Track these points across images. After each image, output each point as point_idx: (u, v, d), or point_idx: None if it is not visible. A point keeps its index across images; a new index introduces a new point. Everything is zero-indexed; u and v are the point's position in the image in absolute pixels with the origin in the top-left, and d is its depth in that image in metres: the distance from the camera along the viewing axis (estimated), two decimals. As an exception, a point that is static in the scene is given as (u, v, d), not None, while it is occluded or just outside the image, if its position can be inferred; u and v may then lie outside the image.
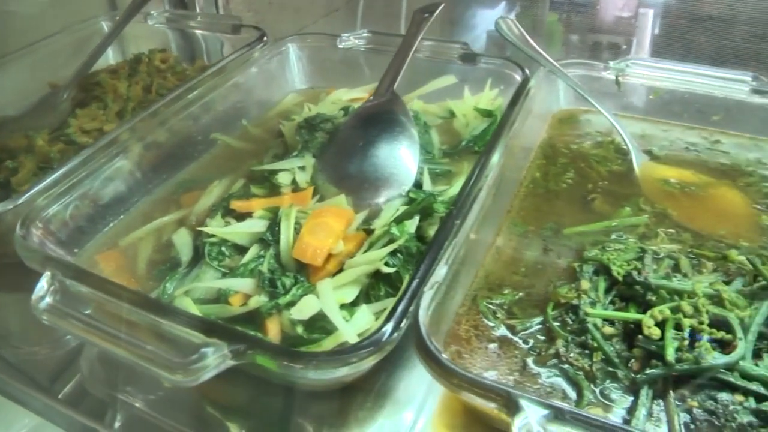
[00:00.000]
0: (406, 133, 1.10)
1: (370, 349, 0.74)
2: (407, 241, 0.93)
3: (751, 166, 1.14)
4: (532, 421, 0.65)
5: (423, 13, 1.34)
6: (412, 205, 1.00)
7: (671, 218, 1.03)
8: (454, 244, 0.85)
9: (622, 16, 2.08)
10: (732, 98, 1.21)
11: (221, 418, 0.88)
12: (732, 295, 0.82)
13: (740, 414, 0.74)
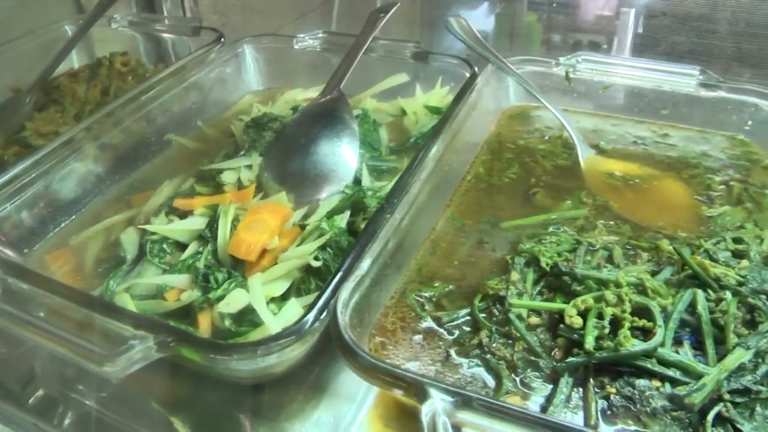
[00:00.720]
0: (347, 130, 1.11)
1: (290, 339, 0.75)
2: (338, 235, 0.94)
3: (697, 158, 1.14)
4: (439, 407, 0.64)
5: (379, 13, 1.34)
6: (341, 201, 1.00)
7: (612, 211, 1.02)
8: (381, 238, 0.85)
9: (603, 15, 2.07)
10: (680, 92, 1.21)
11: (166, 413, 0.88)
12: (654, 284, 0.81)
13: (655, 399, 0.73)
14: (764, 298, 0.80)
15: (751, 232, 0.92)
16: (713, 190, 1.07)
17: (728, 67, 1.73)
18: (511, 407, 0.66)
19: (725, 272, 0.83)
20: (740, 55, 1.75)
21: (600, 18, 2.08)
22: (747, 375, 0.74)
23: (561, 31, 2.12)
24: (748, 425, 0.71)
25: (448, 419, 0.64)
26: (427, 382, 0.66)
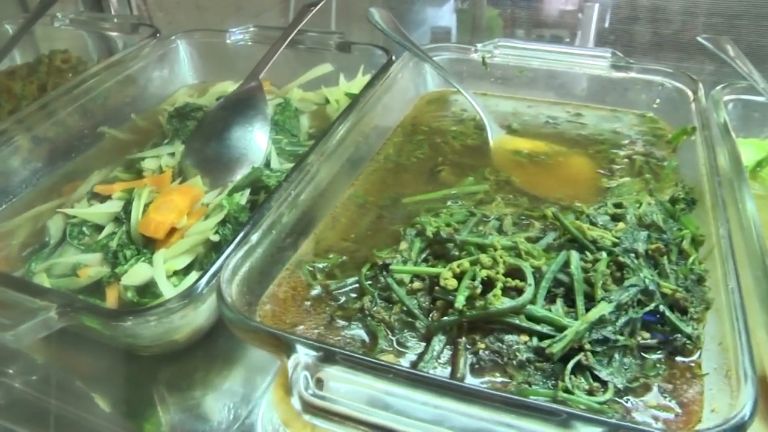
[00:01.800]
0: (259, 116, 1.15)
1: (180, 303, 0.79)
2: (237, 212, 0.97)
3: (605, 135, 1.18)
4: (303, 361, 0.67)
5: (309, 6, 1.38)
6: (241, 179, 1.04)
7: (513, 185, 1.06)
8: (273, 213, 0.89)
9: (567, 10, 2.11)
10: (592, 74, 1.25)
11: (85, 388, 0.91)
12: (528, 247, 0.84)
13: (522, 352, 0.76)
14: (633, 257, 0.83)
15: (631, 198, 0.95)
16: (616, 163, 1.11)
17: (692, 59, 1.75)
18: (371, 360, 0.69)
19: (602, 234, 0.86)
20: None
21: (564, 12, 2.11)
22: (608, 326, 0.77)
23: (524, 25, 2.15)
24: (605, 371, 0.75)
25: (309, 372, 0.66)
26: (292, 338, 0.69)
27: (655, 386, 0.76)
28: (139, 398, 0.88)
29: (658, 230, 0.87)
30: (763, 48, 1.62)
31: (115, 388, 0.91)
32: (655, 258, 0.85)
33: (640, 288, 0.79)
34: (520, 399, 0.64)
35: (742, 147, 1.15)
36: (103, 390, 0.91)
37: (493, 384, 0.76)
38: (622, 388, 0.75)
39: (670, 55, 1.83)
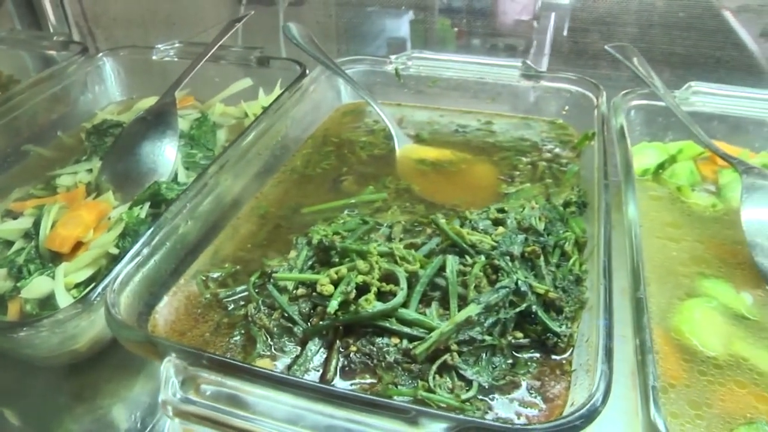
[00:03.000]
0: (169, 131, 1.17)
1: (71, 313, 0.81)
2: (137, 225, 0.99)
3: (513, 142, 1.20)
4: (176, 364, 0.69)
5: (234, 22, 1.41)
6: (141, 193, 1.06)
7: (413, 193, 1.08)
8: (166, 225, 0.91)
9: (522, 20, 2.14)
10: (503, 83, 1.27)
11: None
12: (403, 252, 0.86)
13: (391, 353, 0.78)
14: (508, 259, 0.85)
15: (516, 203, 0.97)
16: (518, 170, 1.13)
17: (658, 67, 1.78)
18: (235, 362, 0.71)
19: (481, 239, 0.89)
20: (669, 55, 1.80)
21: (519, 22, 2.14)
22: (476, 327, 0.79)
23: (480, 35, 2.18)
24: (470, 370, 0.77)
25: (176, 376, 0.68)
26: (164, 343, 0.71)
27: (524, 383, 0.78)
28: (46, 409, 0.90)
29: (535, 233, 0.90)
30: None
31: (21, 400, 0.92)
32: (532, 260, 0.87)
33: (511, 289, 0.82)
34: (367, 397, 0.66)
35: (646, 150, 1.19)
36: (9, 402, 0.92)
37: (362, 385, 0.77)
38: (488, 386, 0.76)
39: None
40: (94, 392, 0.90)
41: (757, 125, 1.24)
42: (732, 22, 1.70)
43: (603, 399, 0.65)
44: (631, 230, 0.89)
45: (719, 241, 1.02)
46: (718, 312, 0.90)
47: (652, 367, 0.71)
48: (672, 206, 1.11)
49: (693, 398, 0.78)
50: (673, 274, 0.96)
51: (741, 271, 0.97)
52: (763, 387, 0.79)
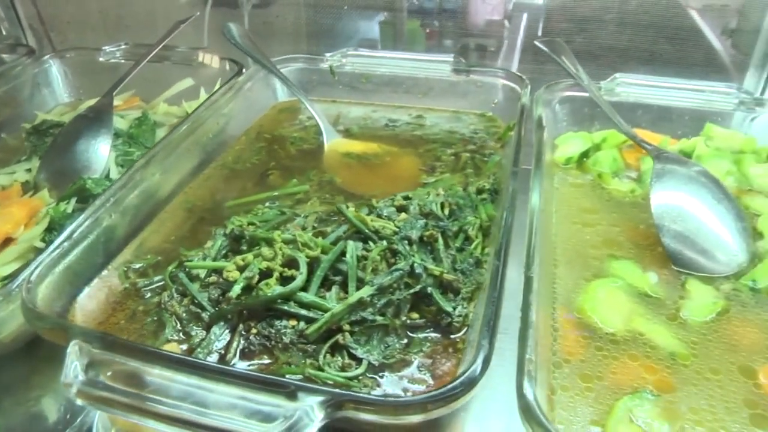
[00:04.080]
0: (103, 130, 1.21)
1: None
2: (63, 219, 1.03)
3: (441, 135, 1.24)
4: (83, 346, 0.73)
5: (180, 23, 1.45)
6: (68, 190, 1.10)
7: (334, 185, 1.11)
8: (90, 219, 0.94)
9: (493, 20, 2.17)
10: (435, 78, 1.31)
11: None
12: (306, 239, 0.90)
13: (287, 335, 0.81)
14: (406, 243, 0.89)
15: (423, 191, 1.01)
16: (441, 161, 1.16)
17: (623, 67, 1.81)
18: (133, 345, 0.74)
19: (384, 225, 0.92)
20: (632, 52, 1.84)
21: (490, 22, 2.17)
22: (368, 308, 0.82)
23: (450, 35, 2.21)
24: (361, 349, 0.80)
25: (79, 359, 0.72)
26: (70, 328, 0.75)
27: (415, 361, 0.81)
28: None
29: (435, 218, 0.93)
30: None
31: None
32: (432, 244, 0.90)
33: (405, 271, 0.85)
34: (248, 374, 0.70)
35: (571, 140, 1.22)
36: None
37: (260, 365, 0.81)
38: (378, 364, 0.80)
39: (603, 62, 1.88)
40: (22, 385, 0.93)
41: (679, 113, 1.28)
42: (698, 22, 1.73)
43: (480, 371, 0.68)
44: (533, 215, 0.92)
45: (634, 225, 1.06)
46: (622, 291, 0.93)
47: (530, 341, 0.73)
48: (592, 193, 1.14)
49: (586, 372, 0.81)
50: (583, 256, 1.00)
51: (650, 252, 1.00)
52: (654, 359, 0.83)
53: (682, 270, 0.97)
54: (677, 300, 0.93)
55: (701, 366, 0.82)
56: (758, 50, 1.59)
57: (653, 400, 0.77)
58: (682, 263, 0.98)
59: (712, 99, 1.30)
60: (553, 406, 0.77)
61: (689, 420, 0.76)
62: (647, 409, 0.77)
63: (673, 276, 0.97)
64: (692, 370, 0.82)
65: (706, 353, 0.84)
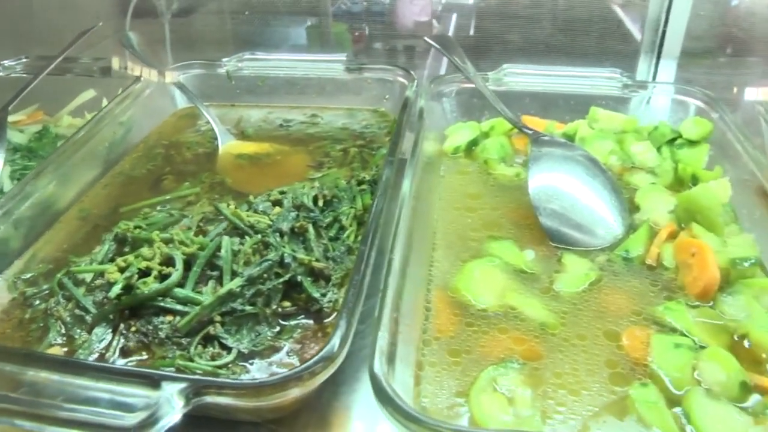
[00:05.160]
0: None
1: None
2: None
3: (332, 132, 1.29)
4: None
5: (82, 33, 1.48)
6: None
7: (225, 185, 1.15)
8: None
9: (421, 21, 2.21)
10: (328, 77, 1.36)
11: None
12: (182, 237, 0.94)
13: (163, 330, 0.85)
14: (278, 236, 0.93)
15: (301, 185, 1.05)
16: (330, 156, 1.21)
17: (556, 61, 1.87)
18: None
19: (259, 219, 0.96)
20: (572, 48, 1.90)
21: (418, 23, 2.22)
22: (238, 298, 0.86)
23: (380, 38, 2.25)
24: (231, 339, 0.85)
25: None
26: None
27: (285, 347, 0.86)
28: None
29: (307, 210, 0.97)
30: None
31: None
32: (304, 234, 0.95)
33: (274, 262, 0.89)
34: (113, 367, 0.74)
35: (461, 130, 1.28)
36: None
37: (138, 362, 0.84)
38: (248, 352, 0.84)
39: (534, 55, 1.94)
40: None
41: (565, 99, 1.34)
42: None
43: (337, 349, 0.73)
44: (403, 202, 0.97)
45: (515, 207, 1.12)
46: (499, 269, 0.99)
47: (386, 320, 0.77)
48: (478, 179, 1.20)
49: (454, 347, 0.86)
50: (463, 239, 1.05)
51: (530, 231, 1.06)
52: (524, 330, 0.88)
53: (559, 246, 1.03)
54: (552, 274, 0.98)
55: (569, 333, 0.88)
56: (646, 38, 1.66)
57: (518, 368, 0.82)
58: (559, 239, 1.04)
59: (597, 84, 1.37)
60: (419, 381, 0.81)
61: (552, 384, 0.81)
62: (512, 377, 0.81)
63: (550, 252, 1.03)
64: (560, 338, 0.87)
65: (575, 322, 0.90)
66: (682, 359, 0.83)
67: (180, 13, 2.35)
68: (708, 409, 0.77)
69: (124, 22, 2.31)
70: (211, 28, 2.29)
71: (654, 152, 1.27)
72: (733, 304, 0.92)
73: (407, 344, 0.84)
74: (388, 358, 0.74)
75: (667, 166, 1.24)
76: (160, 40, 2.21)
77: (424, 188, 1.09)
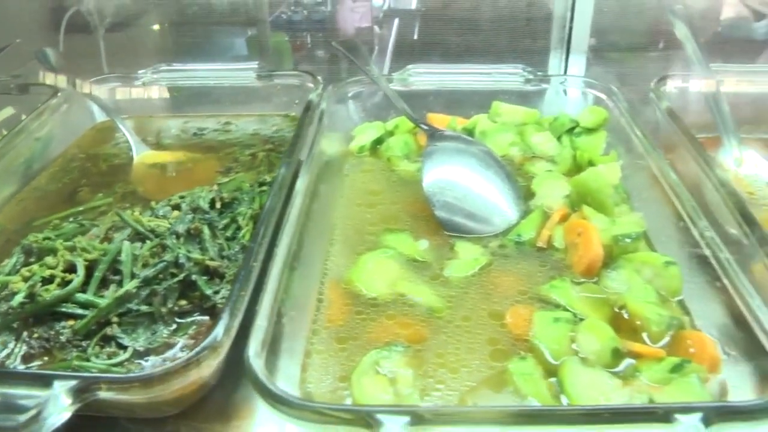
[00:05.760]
0: None
1: None
2: None
3: (242, 138, 1.34)
4: None
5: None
6: None
7: (137, 195, 1.20)
8: None
9: (362, 27, 2.26)
10: (240, 86, 1.41)
11: None
12: (84, 244, 0.98)
13: (64, 334, 0.89)
14: (174, 238, 0.98)
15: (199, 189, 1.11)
16: (238, 161, 1.26)
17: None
18: None
19: (159, 223, 1.01)
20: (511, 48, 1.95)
21: (360, 30, 2.26)
22: (134, 299, 0.91)
23: (321, 45, 2.28)
24: (128, 338, 0.89)
25: None
26: None
27: (179, 343, 0.90)
28: None
29: (202, 212, 1.02)
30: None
31: None
32: (200, 235, 1.00)
33: (169, 263, 0.94)
34: (4, 370, 0.78)
35: (367, 130, 1.33)
36: None
37: (40, 366, 0.88)
38: (143, 349, 0.89)
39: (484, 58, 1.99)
40: None
41: (469, 96, 1.40)
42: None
43: (220, 339, 0.77)
44: (295, 200, 1.02)
45: (413, 200, 1.17)
46: (393, 260, 1.04)
47: (265, 310, 0.82)
48: (381, 176, 1.26)
49: (342, 335, 0.91)
50: (360, 233, 1.10)
51: (425, 223, 1.12)
52: (411, 315, 0.94)
53: (452, 234, 1.09)
54: (444, 261, 1.04)
55: (454, 316, 0.93)
56: (554, 36, 1.73)
57: (402, 351, 0.87)
58: (452, 228, 1.10)
59: (499, 80, 1.43)
60: (306, 368, 0.86)
61: (433, 364, 0.86)
62: (394, 359, 0.86)
63: (444, 241, 1.08)
64: (445, 321, 0.93)
65: (461, 304, 0.96)
66: (560, 332, 0.88)
67: (114, 28, 2.37)
68: (580, 376, 0.83)
69: (58, 37, 2.34)
70: (149, 41, 2.31)
71: (554, 141, 1.34)
72: (615, 278, 0.99)
73: (297, 335, 0.89)
74: (271, 346, 0.78)
75: (566, 154, 1.30)
76: (93, 54, 2.24)
77: (326, 187, 1.14)
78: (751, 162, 1.30)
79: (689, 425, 0.64)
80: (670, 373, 0.81)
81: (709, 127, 1.32)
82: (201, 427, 0.86)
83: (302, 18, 2.26)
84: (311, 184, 1.08)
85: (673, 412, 0.65)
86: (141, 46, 2.25)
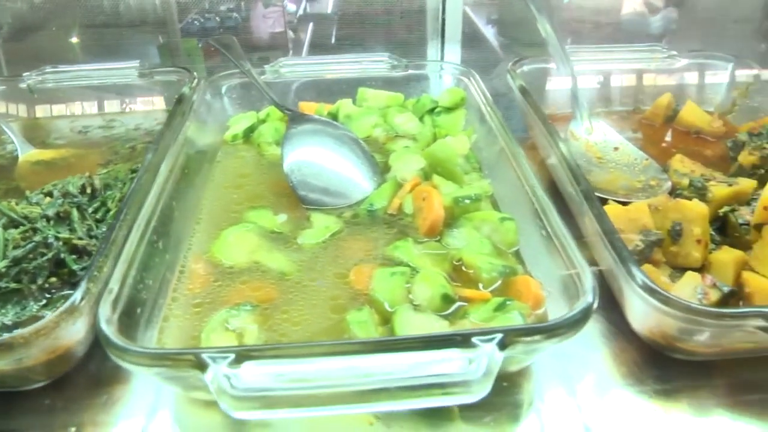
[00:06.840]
0: None
1: None
2: None
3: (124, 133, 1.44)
4: None
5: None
6: None
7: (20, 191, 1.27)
8: None
9: (275, 32, 2.34)
10: (123, 83, 1.50)
11: None
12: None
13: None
14: (44, 221, 1.07)
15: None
16: (118, 154, 1.36)
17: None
18: None
19: (32, 210, 1.10)
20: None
21: (274, 35, 2.35)
22: (3, 278, 1.00)
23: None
24: (-7, 314, 0.97)
25: None
26: None
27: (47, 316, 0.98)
28: None
29: (71, 197, 1.12)
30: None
31: None
32: (69, 218, 1.09)
33: (37, 243, 1.03)
34: None
35: (241, 120, 1.44)
36: None
37: None
38: (11, 323, 0.97)
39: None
40: None
41: (337, 83, 1.52)
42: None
43: (78, 303, 0.84)
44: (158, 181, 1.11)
45: (277, 180, 1.26)
46: (252, 233, 1.12)
47: (117, 278, 0.88)
48: (252, 161, 1.36)
49: (198, 300, 0.98)
50: (226, 212, 1.18)
51: (286, 199, 1.21)
52: (263, 280, 1.02)
53: (309, 207, 1.19)
54: (299, 232, 1.13)
55: (303, 278, 1.02)
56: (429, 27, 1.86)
57: (250, 309, 0.95)
58: (310, 202, 1.20)
59: (366, 68, 1.55)
60: (163, 330, 0.94)
61: (278, 319, 0.94)
62: (243, 317, 0.94)
63: (302, 214, 1.18)
64: (294, 282, 1.01)
65: (311, 267, 1.05)
66: (396, 284, 0.98)
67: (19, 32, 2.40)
68: (410, 320, 0.93)
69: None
70: (56, 45, 2.33)
71: (416, 121, 1.46)
72: (456, 236, 1.09)
73: (157, 303, 0.96)
74: (128, 312, 0.84)
75: (427, 132, 1.42)
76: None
77: (196, 173, 1.24)
78: (600, 131, 1.45)
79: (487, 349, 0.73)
80: (494, 312, 0.92)
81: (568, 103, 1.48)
82: (71, 395, 0.92)
83: (215, 25, 2.34)
84: (177, 168, 1.16)
85: (471, 336, 0.74)
86: (46, 51, 2.28)
